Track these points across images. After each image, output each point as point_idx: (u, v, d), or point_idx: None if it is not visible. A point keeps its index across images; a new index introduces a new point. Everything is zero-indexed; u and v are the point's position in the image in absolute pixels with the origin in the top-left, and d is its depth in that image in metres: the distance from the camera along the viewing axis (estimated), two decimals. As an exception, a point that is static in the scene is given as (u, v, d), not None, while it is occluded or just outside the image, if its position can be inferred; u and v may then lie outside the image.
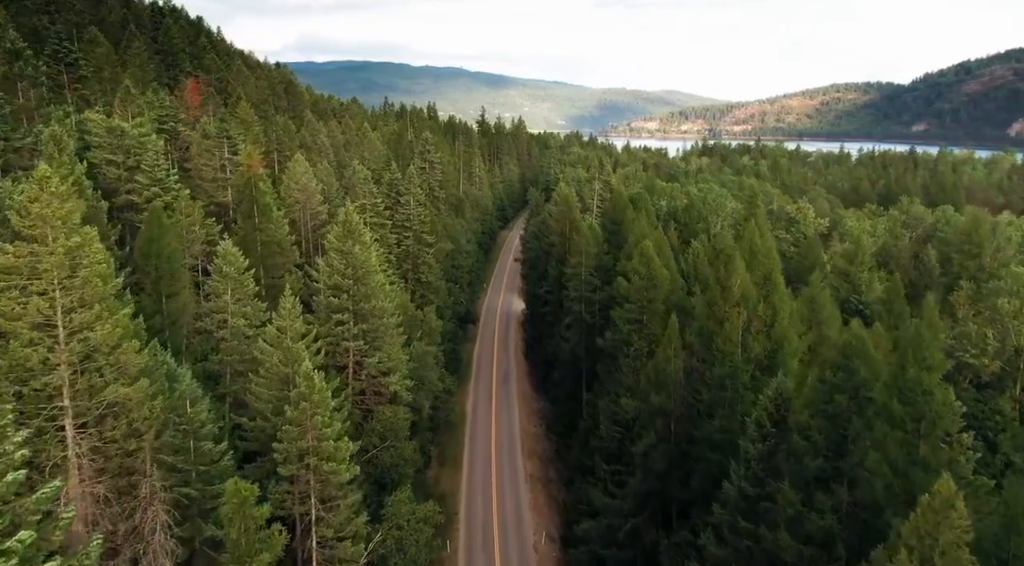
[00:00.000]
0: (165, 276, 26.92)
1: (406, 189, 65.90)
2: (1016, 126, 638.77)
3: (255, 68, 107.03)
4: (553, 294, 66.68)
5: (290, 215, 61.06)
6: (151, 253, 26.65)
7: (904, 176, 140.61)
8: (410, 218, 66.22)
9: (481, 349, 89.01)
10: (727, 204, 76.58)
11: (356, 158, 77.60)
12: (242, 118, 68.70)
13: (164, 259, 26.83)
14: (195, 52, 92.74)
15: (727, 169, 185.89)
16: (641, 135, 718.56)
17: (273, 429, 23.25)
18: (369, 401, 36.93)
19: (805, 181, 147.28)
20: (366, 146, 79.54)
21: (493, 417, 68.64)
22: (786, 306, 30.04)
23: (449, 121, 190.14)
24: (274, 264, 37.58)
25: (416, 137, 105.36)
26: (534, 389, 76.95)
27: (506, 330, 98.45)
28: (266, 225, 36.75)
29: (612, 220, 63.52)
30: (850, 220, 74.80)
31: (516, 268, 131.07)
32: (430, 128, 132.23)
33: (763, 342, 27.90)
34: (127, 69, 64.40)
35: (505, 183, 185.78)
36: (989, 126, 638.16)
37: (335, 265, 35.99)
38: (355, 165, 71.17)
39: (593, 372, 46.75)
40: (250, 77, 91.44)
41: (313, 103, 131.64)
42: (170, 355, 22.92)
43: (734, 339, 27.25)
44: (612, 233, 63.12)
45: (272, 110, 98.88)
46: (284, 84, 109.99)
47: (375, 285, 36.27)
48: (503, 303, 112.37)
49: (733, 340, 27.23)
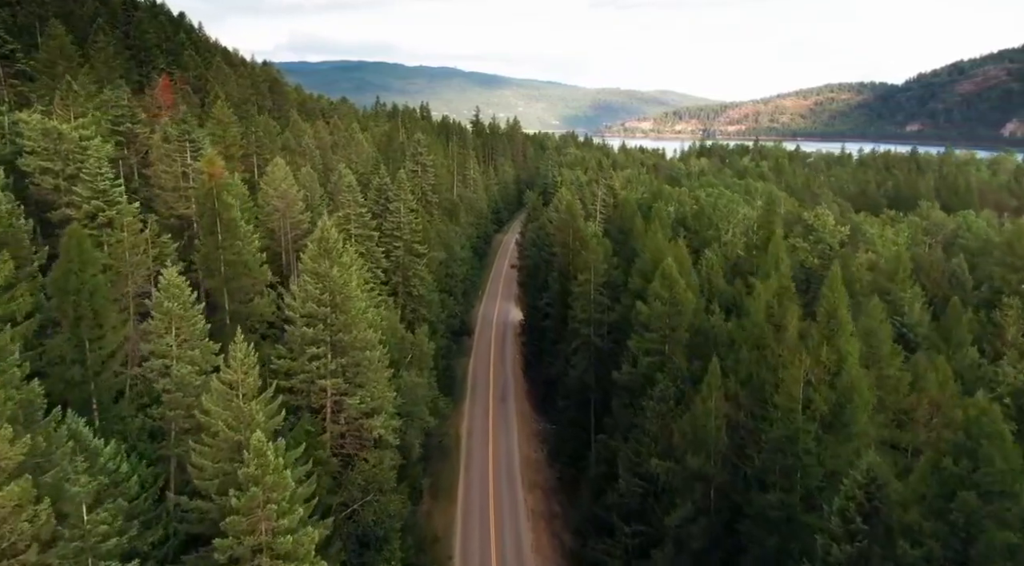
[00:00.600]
0: (87, 316, 21.79)
1: (396, 195, 60.86)
2: (1010, 126, 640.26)
3: (238, 66, 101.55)
4: (554, 308, 61.76)
5: (269, 224, 55.99)
6: (70, 287, 21.50)
7: (913, 179, 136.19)
8: (400, 227, 61.17)
9: (477, 363, 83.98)
10: (739, 210, 71.82)
11: (343, 161, 72.50)
12: (218, 118, 63.40)
13: (86, 294, 21.70)
14: (173, 48, 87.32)
15: (727, 170, 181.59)
16: (635, 135, 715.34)
17: (219, 512, 18.31)
18: (350, 446, 31.89)
19: (810, 184, 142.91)
20: (353, 148, 74.38)
21: (490, 441, 63.66)
22: (854, 349, 24.94)
23: (443, 121, 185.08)
24: (240, 287, 32.58)
25: (408, 138, 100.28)
26: (534, 408, 72.06)
27: (503, 341, 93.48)
28: (231, 242, 31.75)
29: (619, 229, 58.68)
30: (870, 227, 70.16)
31: (512, 275, 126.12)
32: (423, 129, 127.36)
33: (826, 393, 22.96)
34: (90, 65, 59.14)
35: (500, 185, 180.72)
36: (983, 126, 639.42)
37: (310, 290, 30.92)
38: (341, 169, 65.99)
39: (605, 404, 41.94)
40: (231, 75, 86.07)
41: (301, 103, 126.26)
42: (85, 423, 17.92)
43: (794, 393, 22.23)
44: (619, 243, 58.26)
45: (255, 110, 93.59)
46: (269, 82, 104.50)
47: (356, 312, 31.21)
48: (499, 312, 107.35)
49: (793, 394, 22.27)
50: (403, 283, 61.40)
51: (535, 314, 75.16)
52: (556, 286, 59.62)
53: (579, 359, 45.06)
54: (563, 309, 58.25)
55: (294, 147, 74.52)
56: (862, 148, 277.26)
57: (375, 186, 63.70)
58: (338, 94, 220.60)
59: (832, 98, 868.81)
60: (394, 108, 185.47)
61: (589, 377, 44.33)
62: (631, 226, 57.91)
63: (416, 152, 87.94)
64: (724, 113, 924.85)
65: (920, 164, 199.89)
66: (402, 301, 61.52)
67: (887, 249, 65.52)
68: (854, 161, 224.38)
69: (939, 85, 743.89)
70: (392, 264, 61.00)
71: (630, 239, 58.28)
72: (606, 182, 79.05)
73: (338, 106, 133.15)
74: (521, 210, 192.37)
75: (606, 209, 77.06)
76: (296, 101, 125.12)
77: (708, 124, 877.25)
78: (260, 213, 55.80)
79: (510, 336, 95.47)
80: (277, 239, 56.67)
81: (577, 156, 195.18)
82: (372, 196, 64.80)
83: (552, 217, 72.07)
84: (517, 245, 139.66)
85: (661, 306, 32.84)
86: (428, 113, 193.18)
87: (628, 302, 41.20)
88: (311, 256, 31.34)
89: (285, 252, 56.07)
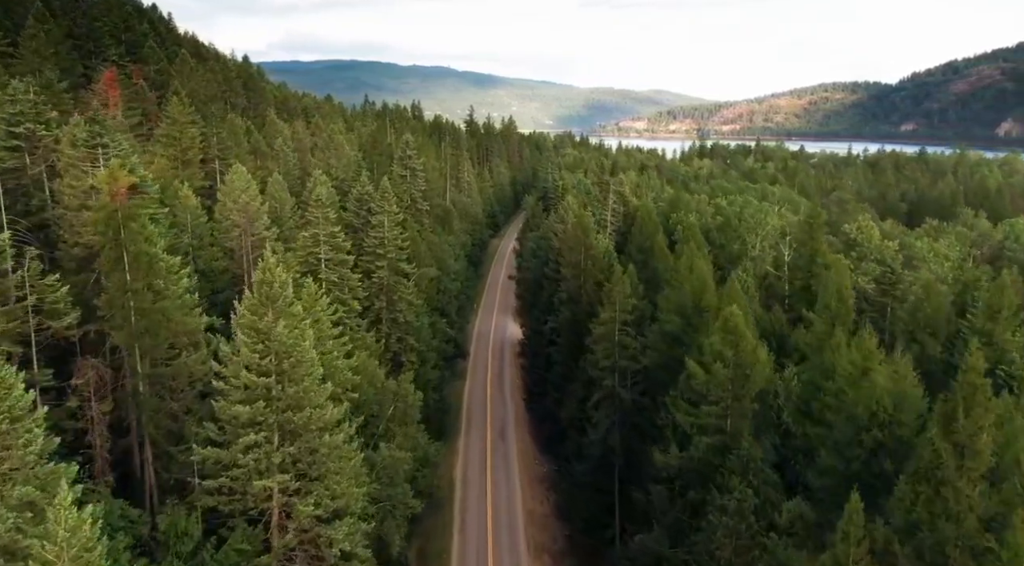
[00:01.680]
0: None
1: (379, 206, 52.43)
2: (1004, 126, 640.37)
3: (210, 60, 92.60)
4: (562, 337, 53.44)
5: (227, 243, 47.45)
6: None
7: (934, 182, 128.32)
8: (384, 243, 52.73)
9: (472, 389, 75.58)
10: (768, 220, 63.73)
11: (320, 167, 64.04)
12: (173, 118, 54.83)
13: None
14: (134, 40, 78.58)
15: (732, 172, 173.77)
16: (629, 135, 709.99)
17: None
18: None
19: (823, 186, 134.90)
20: (333, 151, 65.89)
21: (489, 490, 55.21)
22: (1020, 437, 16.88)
23: (435, 121, 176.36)
24: (155, 346, 24.25)
25: (396, 139, 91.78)
26: (537, 445, 63.73)
27: (501, 362, 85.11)
28: (143, 283, 23.37)
29: (639, 248, 50.42)
30: (917, 241, 62.23)
31: (510, 285, 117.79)
32: (413, 129, 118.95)
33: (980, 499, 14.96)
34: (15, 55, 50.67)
35: (496, 187, 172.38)
36: (978, 126, 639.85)
37: (247, 353, 22.54)
38: (316, 176, 57.51)
39: (630, 466, 33.74)
40: (198, 69, 77.35)
41: (283, 101, 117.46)
42: None
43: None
44: (638, 263, 49.91)
45: (227, 108, 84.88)
46: (244, 79, 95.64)
47: (312, 381, 22.86)
48: (496, 327, 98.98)
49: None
50: (387, 308, 52.99)
51: (537, 338, 66.84)
52: (566, 313, 51.31)
53: (601, 416, 36.67)
54: (573, 340, 50.00)
55: (265, 150, 65.97)
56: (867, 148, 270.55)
57: (355, 196, 55.26)
58: (332, 94, 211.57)
59: (826, 98, 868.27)
60: (384, 107, 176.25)
61: (614, 438, 35.98)
62: (651, 243, 49.68)
63: (405, 155, 79.47)
64: (718, 113, 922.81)
65: (929, 164, 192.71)
66: (386, 329, 53.12)
67: (940, 267, 57.56)
68: (859, 162, 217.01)
69: (933, 84, 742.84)
70: (374, 287, 52.58)
71: (651, 258, 50.05)
72: (616, 188, 70.76)
73: (322, 105, 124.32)
74: (518, 213, 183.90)
75: (616, 218, 68.83)
76: (278, 99, 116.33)
77: (702, 124, 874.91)
78: (217, 230, 47.34)
79: (508, 356, 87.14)
80: (237, 260, 48.16)
81: (576, 157, 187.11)
82: (352, 206, 56.38)
83: (557, 229, 63.79)
84: (515, 253, 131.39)
85: (723, 369, 24.65)
86: (420, 112, 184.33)
87: (661, 345, 33.12)
88: (249, 307, 22.93)
89: (247, 274, 47.56)
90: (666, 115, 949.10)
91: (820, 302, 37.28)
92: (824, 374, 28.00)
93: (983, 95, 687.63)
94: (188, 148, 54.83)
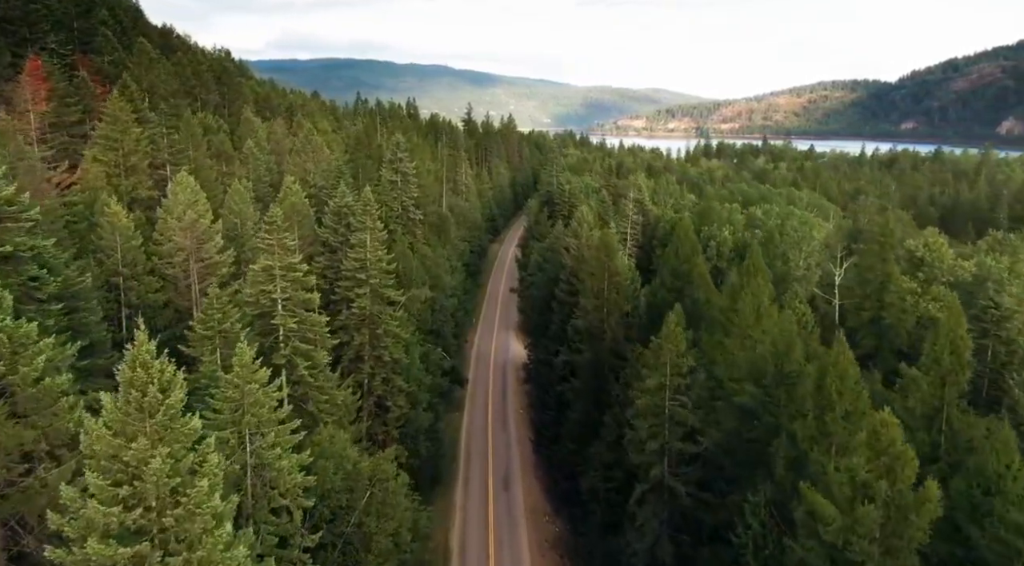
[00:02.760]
0: None
1: (360, 221, 43.52)
2: (1006, 124, 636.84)
3: (179, 52, 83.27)
4: (581, 381, 44.53)
5: (168, 270, 38.52)
6: None
7: (969, 184, 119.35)
8: (366, 265, 43.80)
9: (471, 425, 66.59)
10: (815, 234, 55.04)
11: (297, 173, 55.19)
12: (114, 116, 45.87)
13: None
14: (88, 27, 69.55)
15: (745, 173, 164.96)
16: (628, 133, 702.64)
17: None
18: None
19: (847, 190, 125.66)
20: (311, 154, 56.76)
21: (491, 555, 46.52)
22: None
23: (431, 120, 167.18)
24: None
25: (388, 140, 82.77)
26: (548, 499, 54.82)
27: (503, 390, 76.14)
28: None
29: (672, 273, 41.51)
30: (989, 259, 53.45)
31: (512, 297, 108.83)
32: (407, 128, 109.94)
33: None
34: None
35: (495, 189, 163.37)
36: (979, 124, 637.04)
37: (96, 505, 13.64)
38: (287, 185, 48.86)
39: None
40: (159, 61, 68.32)
41: (264, 98, 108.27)
42: None
43: None
44: (672, 293, 41.04)
45: (196, 105, 76.08)
46: (217, 73, 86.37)
47: (214, 544, 13.99)
48: (497, 346, 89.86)
49: None
50: (370, 344, 44.06)
51: (546, 369, 58.00)
52: (586, 352, 42.42)
53: (647, 515, 27.40)
54: (595, 385, 41.21)
55: (232, 153, 57.02)
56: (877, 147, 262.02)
57: (332, 208, 46.36)
58: (329, 93, 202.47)
59: (825, 96, 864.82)
60: (378, 104, 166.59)
61: (664, 550, 26.72)
62: (690, 267, 40.82)
63: (395, 157, 70.49)
64: (717, 111, 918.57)
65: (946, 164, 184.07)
66: (369, 369, 44.22)
67: (1022, 290, 48.79)
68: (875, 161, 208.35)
69: (933, 83, 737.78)
70: (355, 318, 43.69)
71: (687, 285, 41.22)
72: (635, 196, 61.81)
73: (308, 102, 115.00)
74: (518, 215, 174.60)
75: (636, 231, 59.94)
76: (260, 96, 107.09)
77: (701, 122, 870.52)
78: (156, 254, 38.41)
79: (511, 380, 78.24)
80: (182, 292, 39.20)
81: (580, 157, 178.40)
82: (330, 221, 47.45)
83: (569, 244, 54.98)
84: (516, 262, 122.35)
85: (872, 512, 15.94)
86: (415, 110, 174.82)
87: (729, 421, 24.42)
88: (110, 419, 14.05)
89: (195, 308, 38.57)
90: (664, 114, 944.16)
91: (927, 355, 28.45)
92: (982, 479, 19.26)
93: (984, 93, 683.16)
94: (131, 152, 45.90)
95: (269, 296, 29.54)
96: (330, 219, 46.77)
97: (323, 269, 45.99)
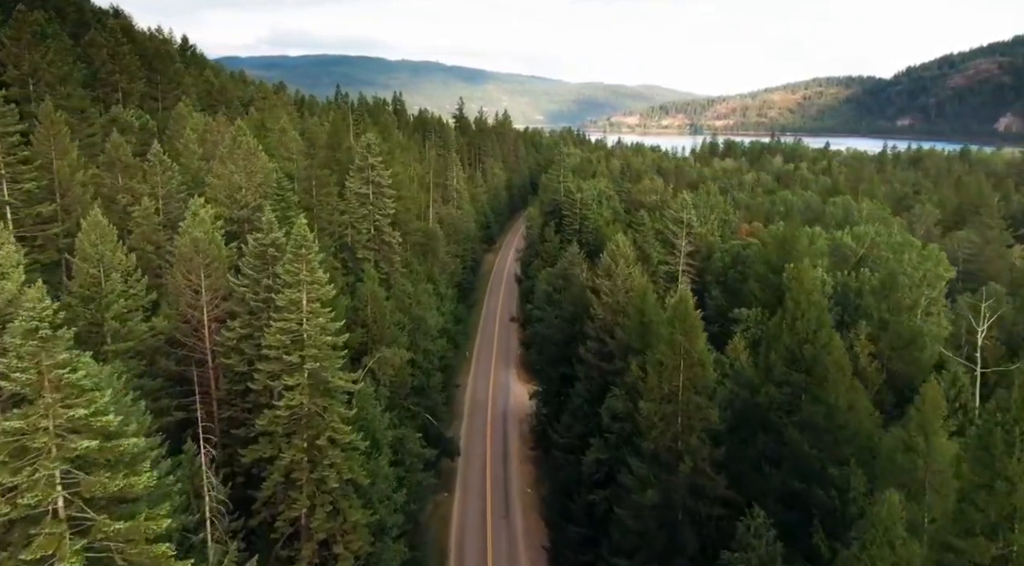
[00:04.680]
0: None
1: (292, 274, 27.58)
2: (1004, 121, 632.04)
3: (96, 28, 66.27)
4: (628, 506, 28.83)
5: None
6: None
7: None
8: (301, 341, 27.90)
9: (464, 516, 50.50)
10: (943, 272, 39.62)
11: (217, 190, 39.21)
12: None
13: None
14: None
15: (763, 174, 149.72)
16: (621, 130, 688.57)
17: None
18: None
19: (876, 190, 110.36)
20: (241, 164, 40.52)
21: None
22: None
23: (419, 117, 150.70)
24: None
25: (356, 141, 66.68)
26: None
27: (503, 455, 59.90)
28: None
29: (789, 358, 25.84)
30: None
31: (512, 326, 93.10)
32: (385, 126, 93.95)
33: None
34: None
35: (490, 192, 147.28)
36: (976, 121, 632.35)
37: None
38: (193, 209, 33.12)
39: None
40: (57, 37, 52.12)
41: (219, 89, 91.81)
42: None
43: None
44: (782, 387, 25.53)
45: (117, 95, 59.97)
46: (148, 58, 69.72)
47: None
48: (495, 390, 73.71)
49: None
50: (307, 462, 28.19)
51: (571, 464, 41.90)
52: (651, 491, 26.68)
53: None
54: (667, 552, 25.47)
55: (130, 162, 40.87)
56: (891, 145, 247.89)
57: (252, 250, 30.42)
58: (320, 89, 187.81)
59: (820, 93, 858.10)
60: (360, 97, 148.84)
61: None
62: (815, 349, 25.20)
63: (365, 164, 54.53)
64: (711, 108, 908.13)
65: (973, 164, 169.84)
66: (307, 501, 28.37)
67: None
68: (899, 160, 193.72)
69: (929, 79, 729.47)
70: (282, 421, 27.86)
71: (809, 380, 25.62)
72: (685, 217, 45.96)
73: (268, 94, 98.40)
74: (515, 219, 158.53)
75: (689, 267, 44.23)
76: (213, 87, 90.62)
77: (695, 119, 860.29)
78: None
79: (514, 442, 62.32)
80: None
81: (583, 157, 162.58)
82: (249, 266, 31.35)
83: (602, 287, 39.24)
84: (516, 280, 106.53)
85: None
86: (402, 105, 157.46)
87: None
88: None
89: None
90: (658, 110, 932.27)
91: None
92: None
93: (981, 90, 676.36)
94: None
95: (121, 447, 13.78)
96: (249, 263, 30.78)
97: (238, 341, 30.04)
